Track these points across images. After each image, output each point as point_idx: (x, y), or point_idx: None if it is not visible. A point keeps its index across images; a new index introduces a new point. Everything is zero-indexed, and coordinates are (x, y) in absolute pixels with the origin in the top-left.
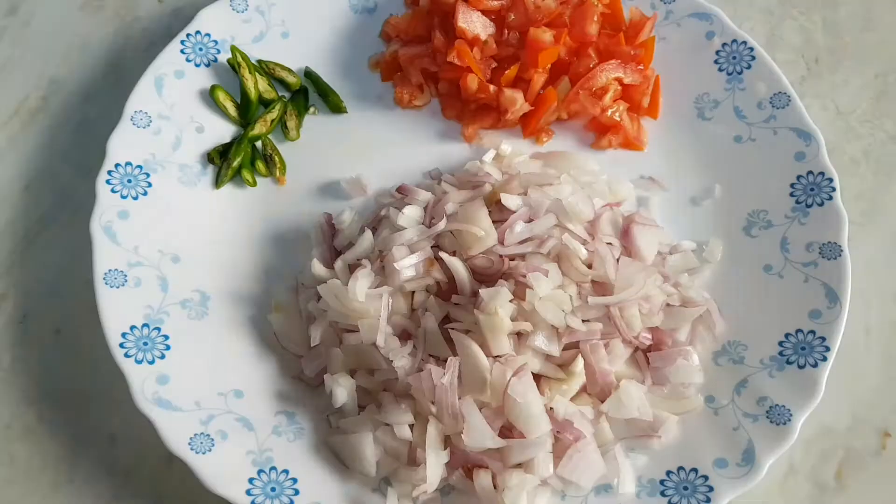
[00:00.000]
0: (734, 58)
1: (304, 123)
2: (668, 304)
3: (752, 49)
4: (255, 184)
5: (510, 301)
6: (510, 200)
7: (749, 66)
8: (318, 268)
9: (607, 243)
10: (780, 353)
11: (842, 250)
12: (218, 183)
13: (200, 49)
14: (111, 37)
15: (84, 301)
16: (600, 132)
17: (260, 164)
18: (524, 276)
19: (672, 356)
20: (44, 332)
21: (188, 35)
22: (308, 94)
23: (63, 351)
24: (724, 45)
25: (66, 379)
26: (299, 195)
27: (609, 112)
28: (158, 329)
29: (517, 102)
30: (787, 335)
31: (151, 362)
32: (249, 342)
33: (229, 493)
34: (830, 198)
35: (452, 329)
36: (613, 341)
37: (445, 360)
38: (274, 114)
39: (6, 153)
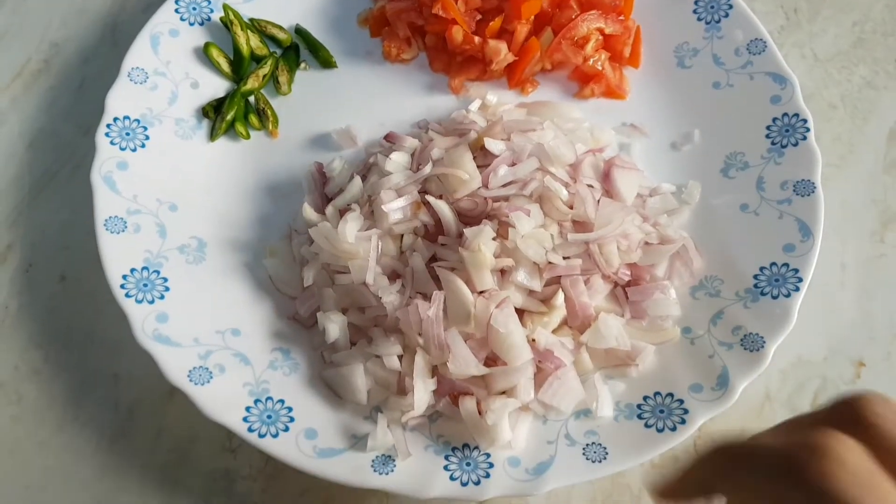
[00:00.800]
0: (712, 6)
1: (296, 79)
2: (646, 243)
3: None
4: (248, 136)
5: (493, 239)
6: (494, 145)
7: (727, 15)
8: (309, 213)
9: (588, 185)
10: (755, 286)
11: (815, 187)
12: (212, 136)
13: (194, 9)
14: (108, 1)
15: (87, 250)
16: (583, 81)
17: (253, 118)
18: (507, 216)
19: (650, 290)
20: (49, 279)
21: None
22: (299, 50)
23: (67, 297)
24: None
25: (71, 323)
26: (291, 147)
27: (591, 61)
28: (157, 272)
29: (501, 52)
30: (761, 268)
31: (151, 302)
32: (245, 285)
33: (227, 421)
34: (805, 138)
35: (438, 266)
36: (593, 277)
37: (432, 296)
38: (266, 69)
39: (9, 113)
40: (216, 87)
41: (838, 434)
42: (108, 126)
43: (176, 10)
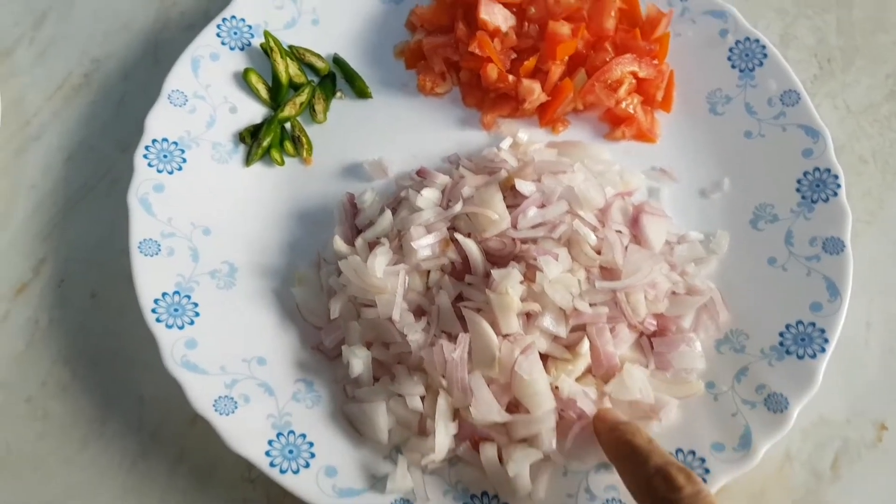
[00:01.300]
0: (747, 55)
1: (331, 107)
2: (673, 292)
3: (764, 47)
4: (283, 163)
5: (521, 283)
6: (524, 186)
7: (761, 64)
8: (339, 244)
9: (617, 231)
10: (781, 344)
11: (844, 245)
12: (248, 161)
13: (235, 33)
14: (151, 19)
15: (119, 268)
16: (614, 123)
17: (288, 145)
18: (535, 259)
19: (675, 342)
20: (80, 295)
21: (224, 20)
22: (336, 79)
23: (97, 314)
24: (737, 42)
25: (100, 341)
26: (324, 175)
27: (623, 104)
28: (189, 297)
29: (535, 92)
30: (787, 326)
31: (181, 327)
32: (273, 313)
33: (250, 453)
34: (836, 194)
35: (464, 307)
36: (619, 325)
37: (457, 337)
38: (303, 97)
39: (50, 126)
40: (254, 112)
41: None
42: (147, 148)
43: (217, 35)
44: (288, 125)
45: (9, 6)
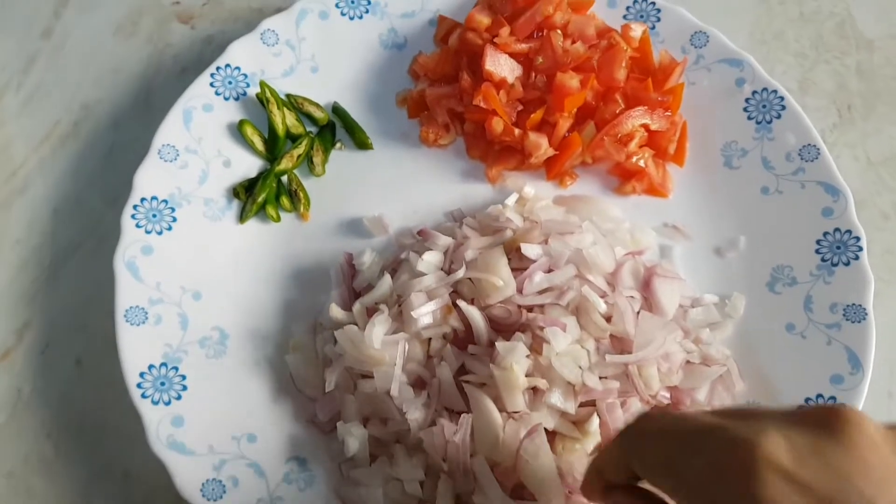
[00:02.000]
0: (764, 106)
1: (330, 158)
2: (687, 361)
3: (782, 98)
4: (279, 219)
5: (526, 356)
6: (530, 250)
7: (779, 116)
8: (335, 311)
9: (628, 296)
10: None
11: (866, 313)
12: (242, 218)
13: (230, 82)
14: (143, 63)
15: (105, 332)
16: (624, 177)
17: (285, 200)
18: (541, 330)
19: None
20: (64, 362)
21: (218, 68)
22: (335, 129)
23: (82, 383)
24: (754, 92)
25: (85, 412)
26: (322, 231)
27: (634, 159)
28: (176, 368)
29: (541, 147)
30: (807, 399)
31: (168, 403)
32: (265, 383)
33: None
34: (857, 257)
35: (466, 381)
36: (631, 399)
37: (459, 414)
38: (301, 149)
39: (36, 178)
40: (248, 165)
41: (776, 436)
42: (135, 207)
43: (211, 84)
44: (285, 179)
45: None
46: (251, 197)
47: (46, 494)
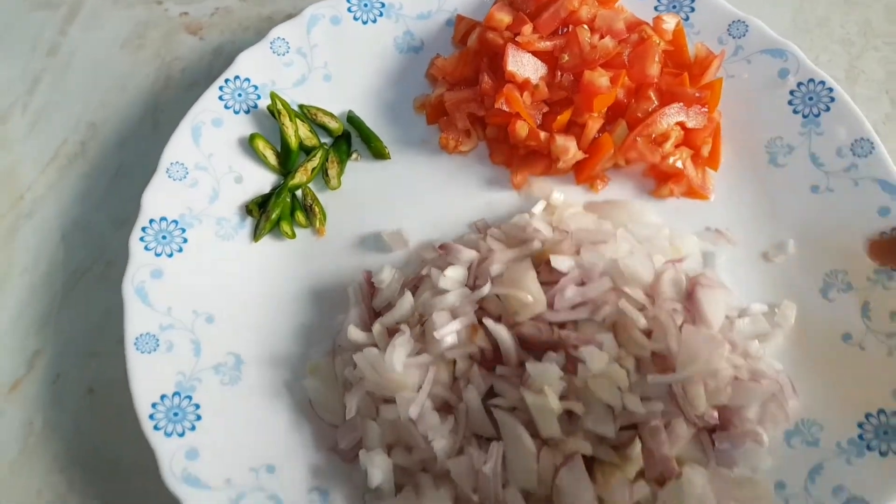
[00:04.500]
0: (810, 99)
1: (346, 170)
2: (735, 377)
3: (831, 90)
4: (294, 236)
5: (560, 378)
6: (561, 262)
7: (827, 109)
8: (354, 333)
9: (669, 309)
10: (860, 437)
11: None
12: (256, 236)
13: (239, 95)
14: (151, 77)
15: (117, 358)
16: (661, 179)
17: (300, 215)
18: (576, 349)
19: (740, 438)
20: (76, 391)
21: (227, 80)
22: (350, 139)
23: (94, 413)
24: (799, 84)
25: (97, 444)
26: (339, 247)
27: (671, 160)
28: (189, 398)
29: (570, 151)
30: (867, 416)
31: (182, 434)
32: (284, 410)
33: None
34: None
35: (496, 406)
36: (675, 421)
37: (488, 440)
38: (315, 162)
39: (44, 202)
40: (261, 180)
41: None
42: (144, 229)
43: (220, 98)
44: (299, 193)
45: (1, 70)
46: (265, 213)
47: None
